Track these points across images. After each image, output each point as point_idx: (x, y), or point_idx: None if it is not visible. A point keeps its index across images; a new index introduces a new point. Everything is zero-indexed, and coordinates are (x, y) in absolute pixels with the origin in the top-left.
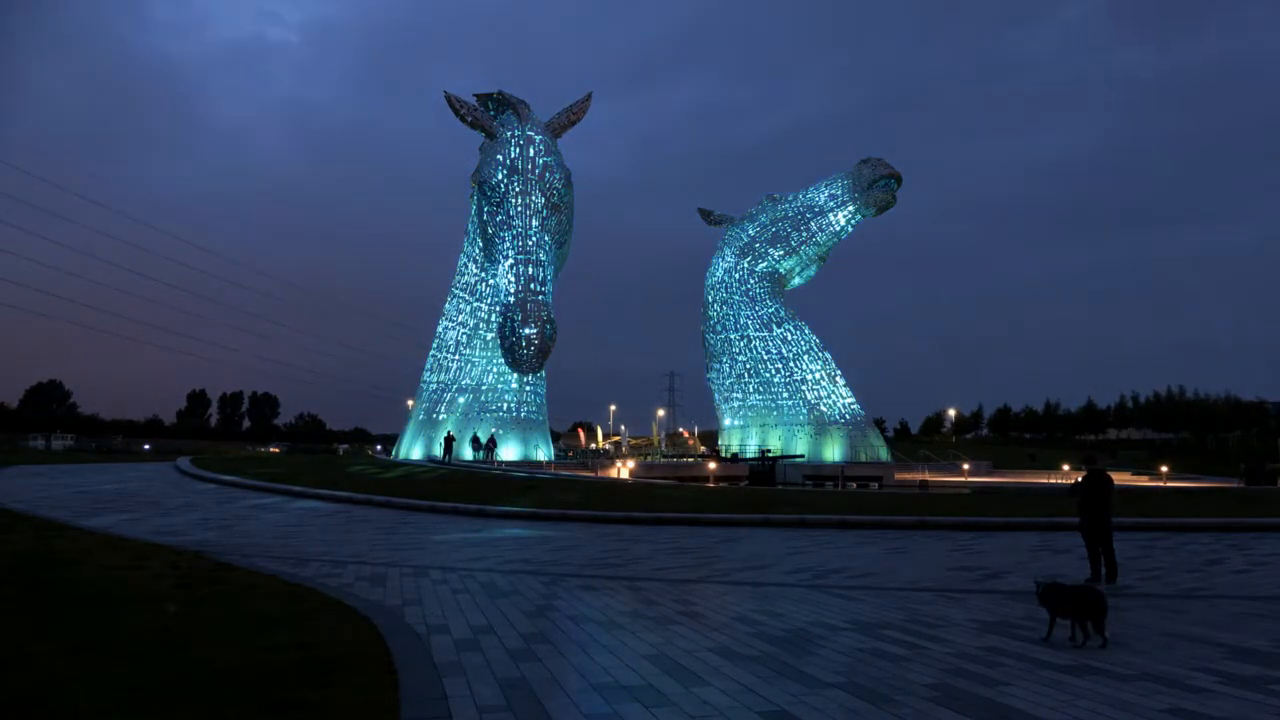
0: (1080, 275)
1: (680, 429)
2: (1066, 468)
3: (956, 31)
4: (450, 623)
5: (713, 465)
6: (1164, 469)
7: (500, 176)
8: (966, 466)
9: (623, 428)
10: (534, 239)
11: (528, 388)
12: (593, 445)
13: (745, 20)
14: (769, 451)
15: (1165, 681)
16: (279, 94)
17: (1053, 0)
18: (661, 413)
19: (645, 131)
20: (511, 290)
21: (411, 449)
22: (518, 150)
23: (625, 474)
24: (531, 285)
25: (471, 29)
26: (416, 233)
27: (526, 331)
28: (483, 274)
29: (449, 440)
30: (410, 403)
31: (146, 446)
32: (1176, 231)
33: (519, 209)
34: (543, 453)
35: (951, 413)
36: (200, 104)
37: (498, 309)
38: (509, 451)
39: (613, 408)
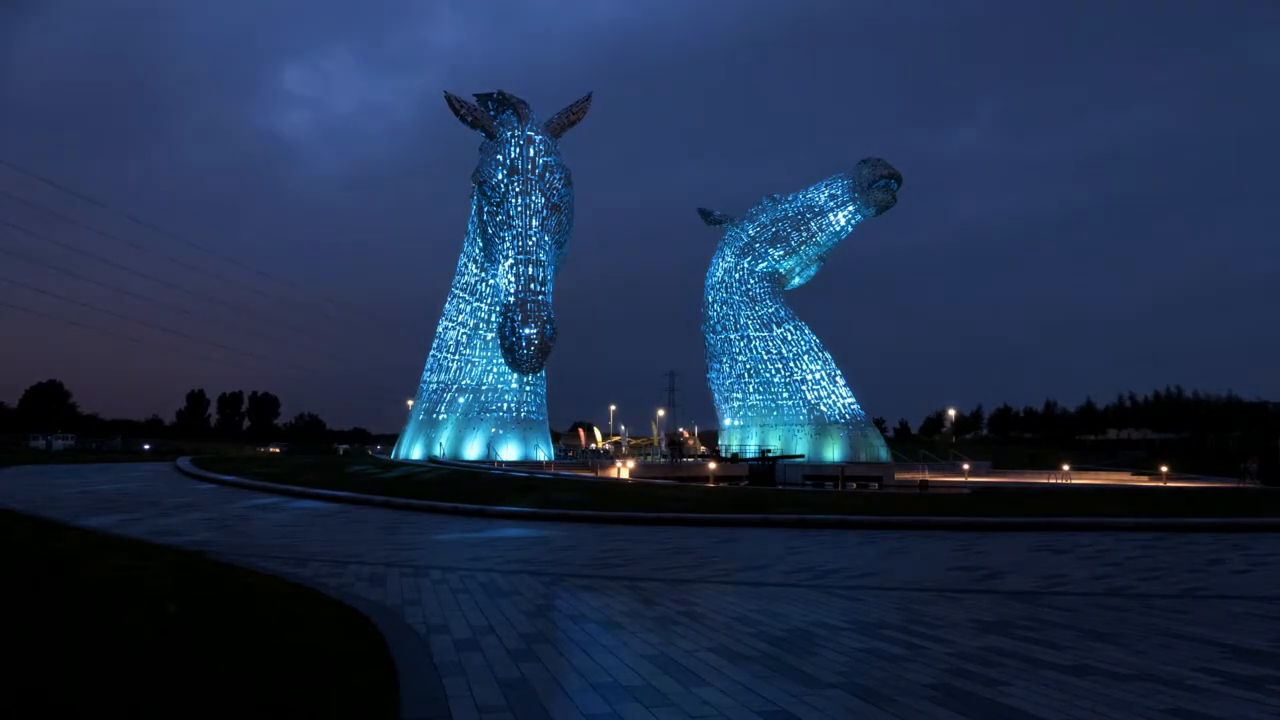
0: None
1: (680, 429)
2: (1066, 468)
3: (891, 132)
4: (450, 623)
5: (713, 465)
6: (1164, 469)
7: (500, 176)
8: (966, 466)
9: (623, 428)
10: (534, 239)
11: (528, 388)
12: (593, 445)
13: (729, 126)
14: (769, 451)
15: (1165, 681)
16: (370, 155)
17: (955, 117)
18: (661, 413)
19: (653, 192)
20: (511, 290)
21: (411, 449)
22: (518, 150)
23: (625, 474)
24: (531, 285)
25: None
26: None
27: (526, 331)
28: (483, 274)
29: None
30: (410, 403)
31: (146, 446)
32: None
33: (519, 209)
34: (543, 453)
35: (951, 413)
36: (304, 167)
37: (498, 309)
38: (509, 451)
39: (613, 408)
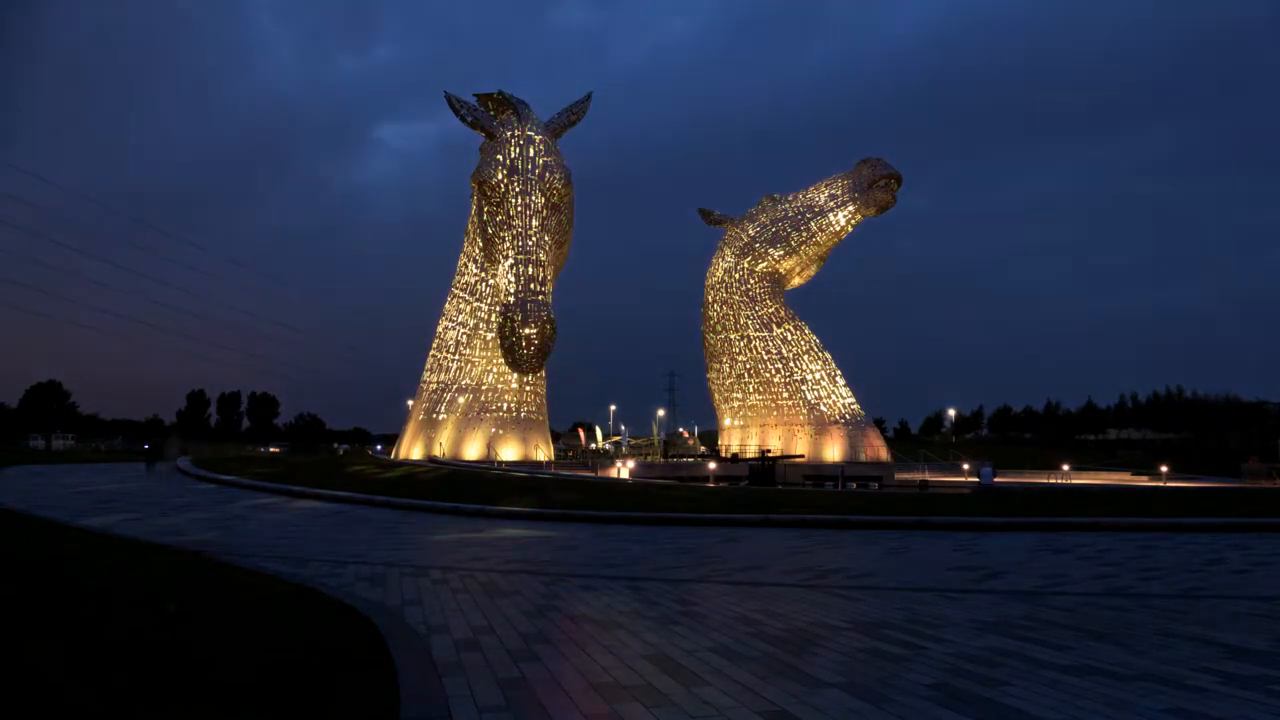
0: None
1: (680, 429)
2: (1066, 467)
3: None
4: (450, 623)
5: (713, 465)
6: (1164, 469)
7: (500, 176)
8: (966, 466)
9: (623, 428)
10: (534, 239)
11: (528, 388)
12: (593, 445)
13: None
14: (769, 451)
15: (1165, 681)
16: (431, 209)
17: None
18: (661, 413)
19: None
20: (511, 290)
21: (411, 449)
22: (518, 150)
23: (625, 474)
24: (531, 285)
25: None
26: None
27: (526, 331)
28: (483, 274)
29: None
30: (410, 403)
31: (146, 446)
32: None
33: (519, 209)
34: (543, 453)
35: (951, 413)
36: (371, 214)
37: (498, 309)
38: (509, 451)
39: (613, 408)
